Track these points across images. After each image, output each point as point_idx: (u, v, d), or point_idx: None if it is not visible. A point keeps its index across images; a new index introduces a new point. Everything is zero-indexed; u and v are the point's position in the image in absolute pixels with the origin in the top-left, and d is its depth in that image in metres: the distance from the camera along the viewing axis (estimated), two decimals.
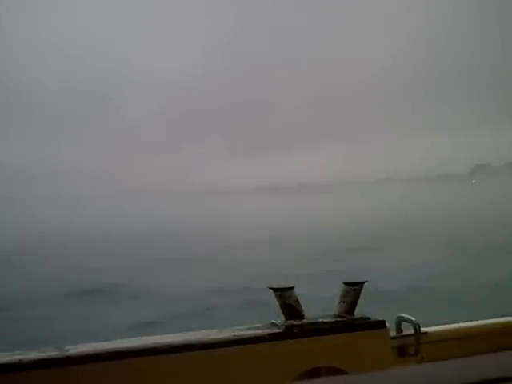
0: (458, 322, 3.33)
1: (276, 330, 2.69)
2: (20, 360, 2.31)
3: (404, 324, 3.05)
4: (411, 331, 3.00)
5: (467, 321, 3.36)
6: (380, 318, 2.83)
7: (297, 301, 2.82)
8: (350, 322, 2.79)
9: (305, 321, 2.77)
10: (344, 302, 2.85)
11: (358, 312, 2.85)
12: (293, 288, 2.82)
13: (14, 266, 30.18)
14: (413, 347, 2.99)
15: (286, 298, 2.80)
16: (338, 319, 2.80)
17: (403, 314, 3.07)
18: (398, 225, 44.09)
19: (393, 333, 2.99)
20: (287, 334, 2.69)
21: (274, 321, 2.77)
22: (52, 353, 2.39)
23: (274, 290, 2.82)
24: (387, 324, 2.85)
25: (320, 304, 3.59)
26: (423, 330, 3.04)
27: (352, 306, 2.84)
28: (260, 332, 2.67)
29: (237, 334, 2.64)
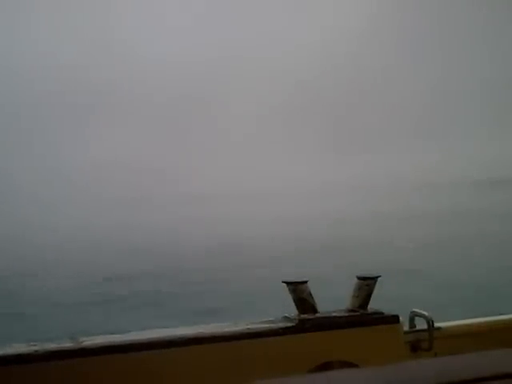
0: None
1: (289, 324, 2.70)
2: (36, 351, 2.35)
3: (417, 319, 3.05)
4: (425, 326, 3.00)
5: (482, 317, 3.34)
6: (393, 313, 2.83)
7: (310, 295, 2.82)
8: (363, 317, 2.79)
9: (318, 315, 2.77)
10: (357, 296, 2.84)
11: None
12: (306, 282, 2.82)
13: None
14: (426, 342, 2.98)
15: (299, 292, 2.81)
16: (351, 313, 2.80)
17: (417, 309, 3.06)
18: None
19: (406, 328, 2.99)
20: (300, 327, 2.69)
21: (287, 314, 2.78)
22: (67, 344, 2.42)
23: (288, 283, 2.83)
24: (401, 319, 2.85)
25: None
26: (437, 325, 3.03)
27: (365, 300, 2.83)
28: (273, 326, 2.68)
29: (250, 327, 2.66)
